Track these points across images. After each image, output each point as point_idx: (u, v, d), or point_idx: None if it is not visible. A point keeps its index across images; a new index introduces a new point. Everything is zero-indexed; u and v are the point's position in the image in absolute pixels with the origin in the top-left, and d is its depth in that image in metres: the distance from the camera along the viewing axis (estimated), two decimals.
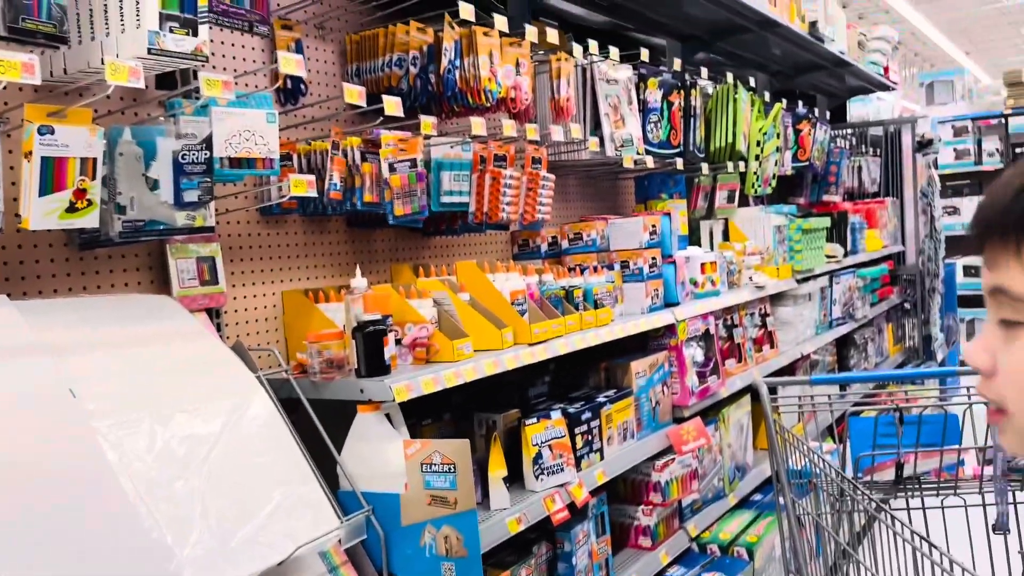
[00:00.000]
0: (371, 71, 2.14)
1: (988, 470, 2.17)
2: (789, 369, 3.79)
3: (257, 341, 1.99)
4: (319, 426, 1.66)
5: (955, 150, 7.47)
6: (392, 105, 1.83)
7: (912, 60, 13.89)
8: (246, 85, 1.98)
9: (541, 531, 2.29)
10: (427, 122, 1.94)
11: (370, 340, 1.67)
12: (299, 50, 2.08)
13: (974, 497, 2.21)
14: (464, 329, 1.97)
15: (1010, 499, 2.14)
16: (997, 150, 7.45)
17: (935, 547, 1.48)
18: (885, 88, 5.53)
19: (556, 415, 2.26)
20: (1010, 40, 14.02)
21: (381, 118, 1.88)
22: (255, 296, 2.01)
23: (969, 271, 7.45)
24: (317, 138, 1.98)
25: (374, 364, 1.69)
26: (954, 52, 13.87)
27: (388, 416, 1.77)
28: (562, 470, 2.22)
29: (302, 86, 2.09)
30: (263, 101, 1.68)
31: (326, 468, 1.69)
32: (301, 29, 2.11)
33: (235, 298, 1.96)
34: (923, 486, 2.22)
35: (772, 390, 2.42)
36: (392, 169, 1.97)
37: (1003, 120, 7.52)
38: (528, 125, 2.33)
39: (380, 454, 1.68)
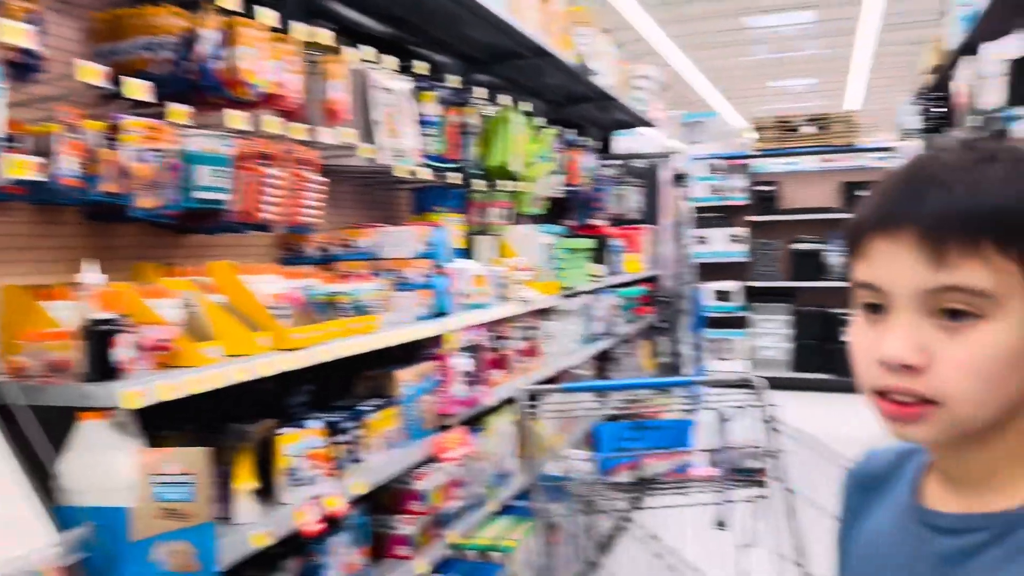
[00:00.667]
0: (119, 53, 1.99)
1: (715, 472, 2.40)
2: (553, 381, 3.96)
3: None
4: (34, 435, 1.50)
5: (708, 186, 8.24)
6: (137, 88, 1.70)
7: (680, 102, 15.18)
8: None
9: (296, 545, 2.21)
10: (178, 110, 1.83)
11: (98, 341, 1.54)
12: (36, 23, 1.88)
13: (703, 496, 2.42)
14: (213, 332, 1.87)
15: (732, 497, 2.37)
16: (743, 187, 8.32)
17: (658, 541, 1.61)
18: (647, 124, 5.98)
19: (314, 424, 2.20)
20: (759, 91, 15.74)
21: (129, 103, 1.75)
22: None
23: (718, 295, 8.23)
24: (54, 120, 1.80)
25: (102, 367, 1.55)
26: (715, 97, 15.34)
27: (121, 425, 1.64)
28: (318, 481, 2.16)
29: (37, 62, 1.89)
30: None
31: (46, 481, 1.53)
32: (40, 1, 1.91)
33: None
34: (660, 487, 2.40)
35: (530, 398, 2.52)
36: (139, 158, 1.84)
37: (748, 160, 8.42)
38: (294, 124, 2.27)
39: (106, 465, 1.54)
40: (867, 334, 0.80)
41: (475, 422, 3.14)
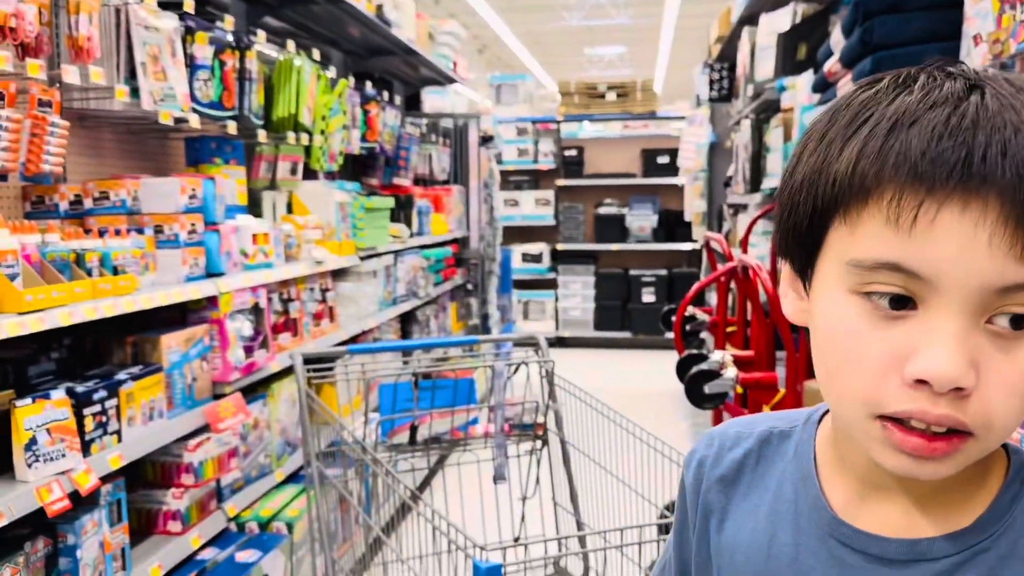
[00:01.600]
0: None
1: (494, 428, 2.41)
2: (351, 343, 3.87)
3: None
4: None
5: (517, 148, 8.34)
6: None
7: (496, 64, 15.22)
8: None
9: (41, 525, 2.02)
10: None
11: None
12: None
13: (485, 453, 2.44)
14: None
15: (511, 452, 2.40)
16: (551, 151, 8.48)
17: (420, 498, 1.58)
18: (453, 81, 5.92)
19: (58, 395, 2.00)
20: (575, 58, 16.09)
21: None
22: None
23: (527, 257, 8.40)
24: None
25: None
26: (529, 60, 15.51)
27: None
28: (64, 456, 1.97)
29: None
30: None
31: None
32: None
33: None
34: (441, 446, 2.39)
35: (309, 361, 2.42)
36: None
37: (558, 125, 8.59)
38: (30, 60, 2.01)
39: None
40: (883, 337, 0.58)
41: (260, 388, 2.99)
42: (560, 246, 8.43)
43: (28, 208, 2.50)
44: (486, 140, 6.01)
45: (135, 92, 2.45)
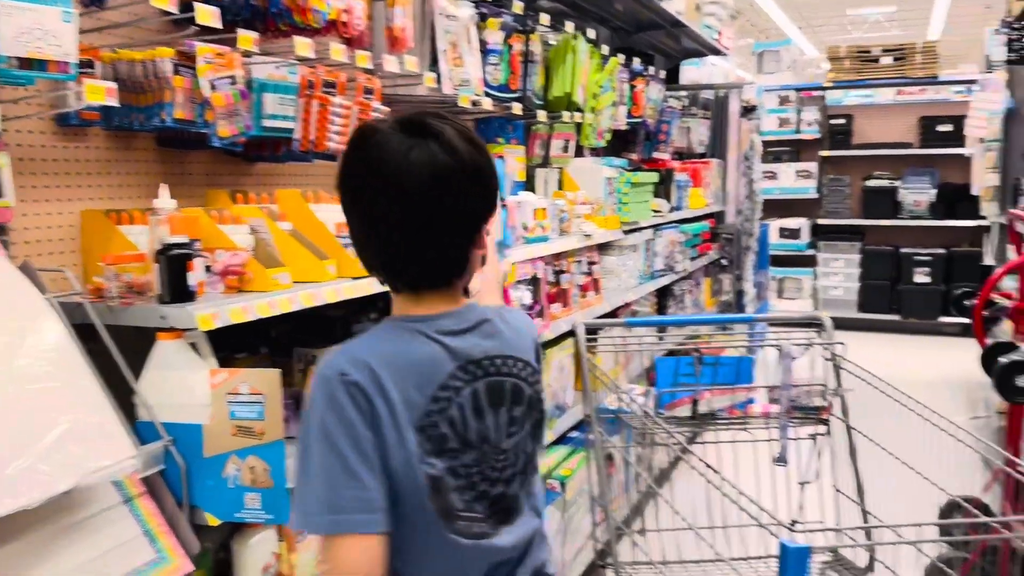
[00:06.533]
0: None
1: (776, 408, 2.38)
2: (612, 316, 3.96)
3: (51, 263, 1.84)
4: (115, 353, 1.57)
5: (778, 118, 7.98)
6: (206, 14, 1.71)
7: (749, 31, 14.58)
8: None
9: None
10: (246, 36, 1.83)
11: (174, 264, 1.59)
12: None
13: (762, 433, 2.42)
14: (282, 259, 1.91)
15: (790, 435, 2.36)
16: (816, 120, 8.03)
17: (718, 473, 1.62)
18: (718, 53, 5.79)
19: None
20: (837, 19, 15.00)
21: (195, 28, 1.76)
22: (48, 214, 1.85)
23: (784, 232, 8.05)
24: (125, 46, 1.83)
25: (178, 290, 1.60)
26: (787, 26, 14.69)
27: (195, 346, 1.70)
28: None
29: None
30: None
31: (125, 398, 1.61)
32: None
33: (25, 215, 1.80)
34: (718, 422, 2.40)
35: (589, 331, 2.52)
36: (213, 87, 1.86)
37: (823, 92, 8.10)
38: (360, 52, 2.26)
39: (182, 384, 1.61)
40: None
41: None
42: (822, 221, 7.99)
43: None
44: (748, 111, 5.82)
45: (438, 78, 2.67)
